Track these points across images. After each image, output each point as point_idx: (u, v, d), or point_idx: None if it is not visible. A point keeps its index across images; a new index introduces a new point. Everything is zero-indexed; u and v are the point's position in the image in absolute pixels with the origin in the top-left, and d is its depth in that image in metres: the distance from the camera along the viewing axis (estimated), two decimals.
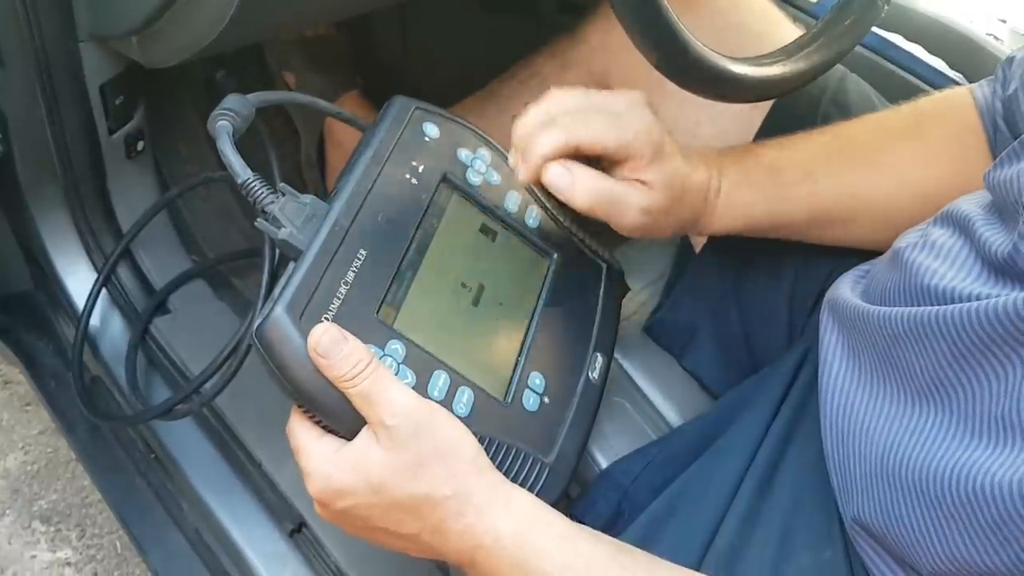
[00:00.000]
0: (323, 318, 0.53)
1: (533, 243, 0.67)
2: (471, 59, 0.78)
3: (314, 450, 0.53)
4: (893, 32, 1.00)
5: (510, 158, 0.64)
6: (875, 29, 0.90)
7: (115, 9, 0.79)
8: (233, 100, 0.60)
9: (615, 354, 0.70)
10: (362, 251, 0.57)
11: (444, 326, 0.59)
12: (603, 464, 0.72)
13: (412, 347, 0.55)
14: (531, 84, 0.93)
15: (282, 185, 0.58)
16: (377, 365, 0.52)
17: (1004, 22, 1.37)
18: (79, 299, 0.99)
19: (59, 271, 1.00)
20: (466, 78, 1.00)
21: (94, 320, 0.98)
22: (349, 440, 0.53)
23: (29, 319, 1.03)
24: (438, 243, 0.61)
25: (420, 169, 0.63)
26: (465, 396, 0.56)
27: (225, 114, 0.59)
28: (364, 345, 0.52)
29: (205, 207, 1.14)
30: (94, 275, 0.99)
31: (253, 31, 0.89)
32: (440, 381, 0.55)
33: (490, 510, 0.52)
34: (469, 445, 0.53)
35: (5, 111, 0.86)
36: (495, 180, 0.67)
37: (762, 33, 0.79)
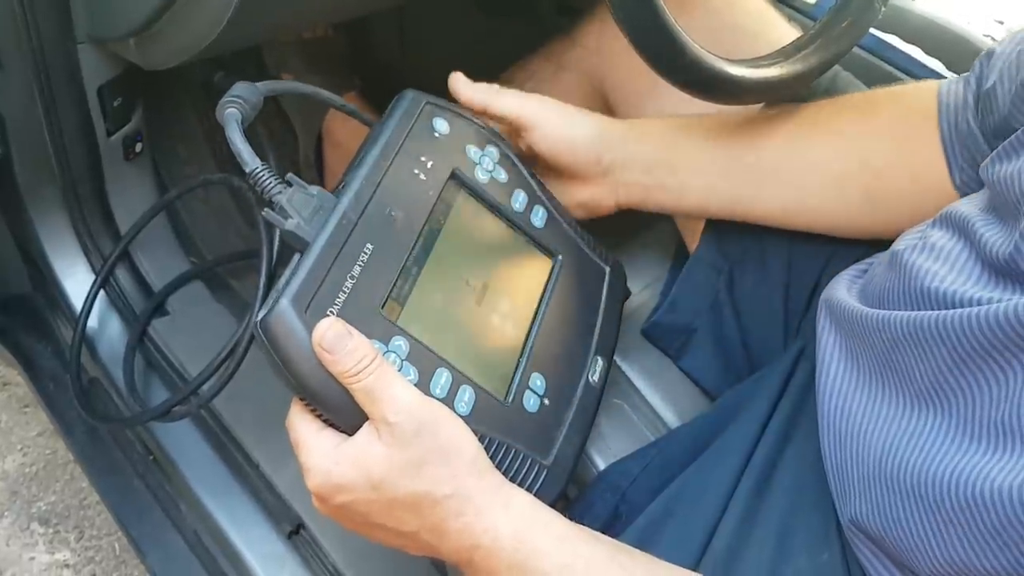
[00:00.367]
0: (328, 312, 0.52)
1: (538, 243, 0.67)
2: (468, 61, 0.78)
3: (314, 444, 0.53)
4: (890, 33, 1.00)
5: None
6: (872, 30, 0.90)
7: (113, 11, 0.79)
8: (242, 88, 0.59)
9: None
10: (369, 245, 0.56)
11: (448, 324, 0.59)
12: (601, 465, 0.72)
13: (416, 344, 0.55)
14: (527, 86, 0.92)
15: (290, 176, 0.57)
16: (381, 362, 0.52)
17: (1001, 23, 1.37)
18: (77, 301, 0.99)
19: (57, 273, 1.00)
20: None
21: (92, 322, 0.98)
22: (350, 435, 0.53)
23: (27, 321, 1.03)
24: (444, 240, 0.61)
25: (429, 165, 0.62)
26: (467, 395, 0.56)
27: (234, 101, 0.58)
28: (369, 341, 0.52)
29: (203, 209, 1.14)
30: (92, 277, 0.99)
31: (251, 33, 0.89)
32: (442, 379, 0.55)
33: (489, 510, 0.52)
34: (470, 445, 0.53)
35: (3, 113, 0.86)
36: (503, 178, 0.67)
37: (757, 34, 0.79)
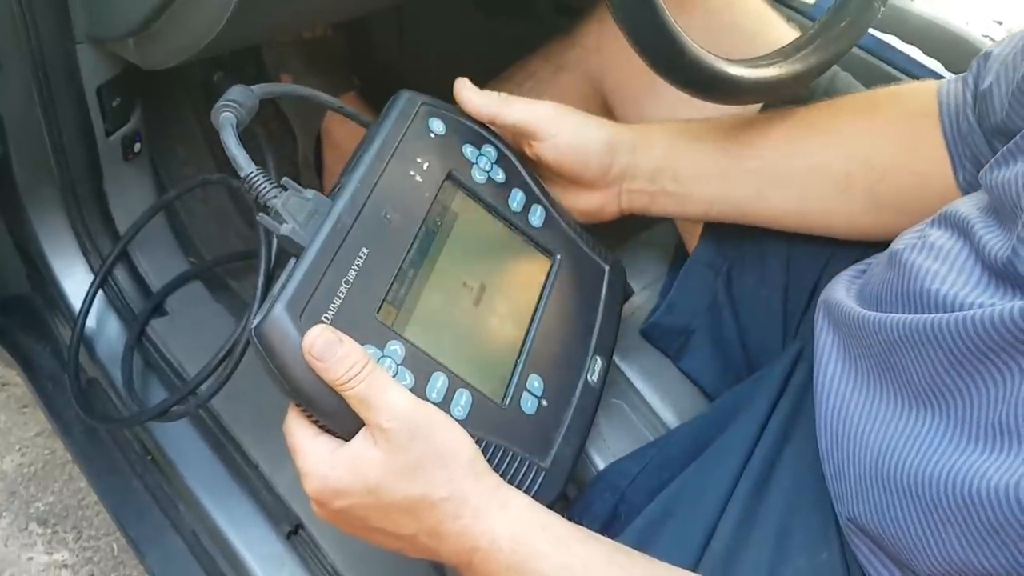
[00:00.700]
0: (323, 317, 0.52)
1: (536, 243, 0.67)
2: (467, 61, 0.78)
3: (310, 450, 0.53)
4: (889, 34, 0.99)
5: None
6: (871, 31, 0.90)
7: (112, 11, 0.79)
8: (237, 91, 0.59)
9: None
10: (364, 249, 0.56)
11: (444, 327, 0.59)
12: (600, 465, 0.72)
13: (411, 348, 0.55)
14: (526, 86, 0.93)
15: (285, 180, 0.57)
16: (373, 367, 0.52)
17: (1000, 24, 1.37)
18: (76, 301, 0.98)
19: (56, 273, 1.00)
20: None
21: (91, 322, 0.98)
22: (347, 440, 0.53)
23: (26, 321, 1.03)
24: (441, 242, 0.61)
25: (425, 166, 0.62)
26: (463, 398, 0.56)
27: (229, 106, 0.57)
28: (360, 347, 0.52)
29: (202, 209, 1.14)
30: (91, 277, 0.99)
31: (251, 33, 0.89)
32: (439, 383, 0.55)
33: (487, 513, 0.52)
34: (466, 448, 0.53)
35: (2, 112, 0.86)
36: (500, 178, 0.67)
37: (756, 33, 0.79)
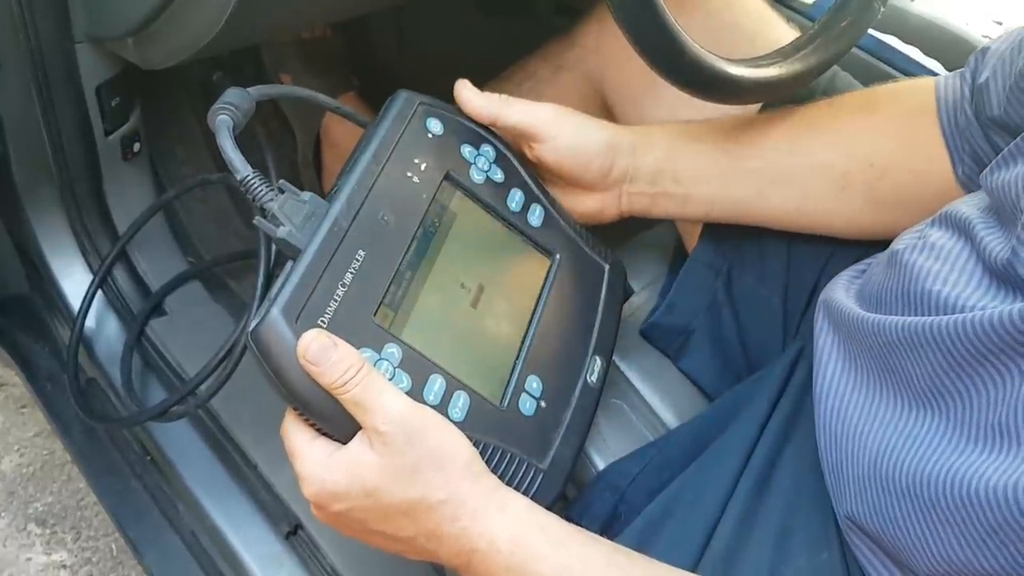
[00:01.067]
0: (319, 321, 0.52)
1: (536, 242, 0.66)
2: (467, 61, 0.78)
3: (308, 453, 0.53)
4: (889, 34, 0.99)
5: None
6: (871, 31, 0.90)
7: (111, 10, 0.79)
8: (233, 94, 0.58)
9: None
10: (361, 251, 0.56)
11: (442, 329, 0.58)
12: (600, 465, 0.71)
13: (409, 351, 0.55)
14: (526, 86, 0.93)
15: (282, 182, 0.57)
16: (369, 371, 0.51)
17: (1000, 24, 1.37)
18: (75, 301, 0.98)
19: (55, 273, 1.00)
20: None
21: (90, 322, 0.98)
22: (344, 443, 0.53)
23: (25, 321, 1.03)
24: (439, 243, 0.61)
25: (423, 167, 0.62)
26: (461, 401, 0.56)
27: (225, 108, 0.57)
28: (355, 351, 0.52)
29: (201, 209, 1.14)
30: (90, 277, 0.99)
31: (250, 33, 0.89)
32: (436, 386, 0.55)
33: (485, 515, 0.52)
34: (463, 450, 0.53)
35: (1, 112, 0.86)
36: (499, 178, 0.66)
37: (756, 34, 0.79)
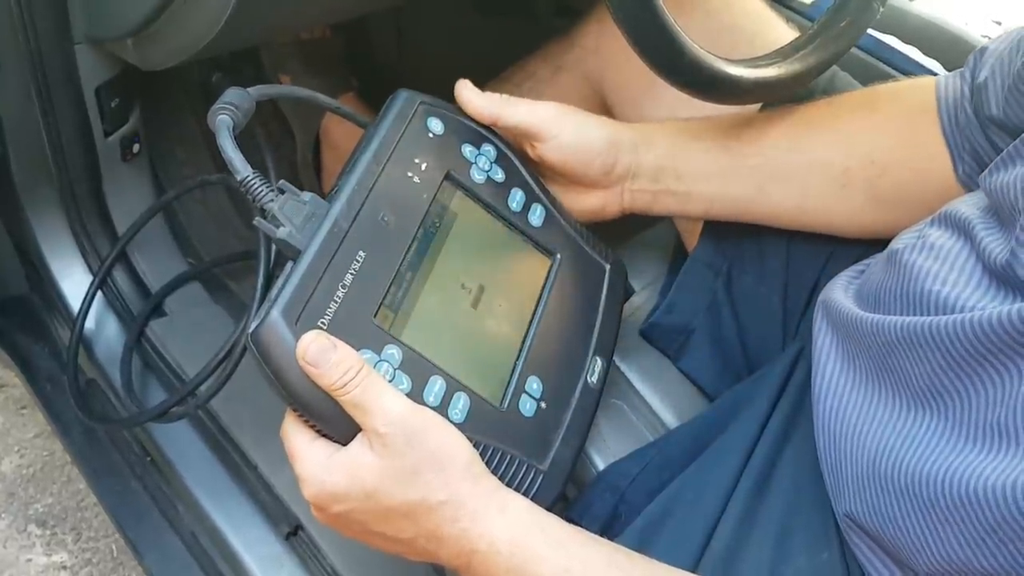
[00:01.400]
0: (319, 322, 0.52)
1: (536, 242, 0.66)
2: (466, 61, 0.78)
3: (308, 455, 0.53)
4: (888, 34, 0.99)
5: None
6: (871, 31, 0.90)
7: (111, 11, 0.79)
8: (233, 94, 0.58)
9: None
10: (361, 252, 0.55)
11: (442, 330, 0.58)
12: (600, 466, 0.71)
13: (409, 352, 0.55)
14: (525, 87, 0.93)
15: (282, 183, 0.56)
16: (368, 372, 0.51)
17: (999, 24, 1.37)
18: (74, 302, 0.98)
19: (54, 274, 1.00)
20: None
21: (89, 323, 0.98)
22: (344, 445, 0.53)
23: (24, 322, 1.03)
24: (439, 243, 0.60)
25: (423, 167, 0.62)
26: (461, 402, 0.56)
27: (225, 108, 0.57)
28: (355, 352, 0.52)
29: (201, 210, 1.14)
30: (90, 278, 0.99)
31: (249, 34, 0.89)
32: (436, 387, 0.55)
33: (485, 516, 0.52)
34: (463, 451, 0.53)
35: (0, 113, 0.86)
36: (499, 177, 0.66)
37: (755, 34, 0.79)
